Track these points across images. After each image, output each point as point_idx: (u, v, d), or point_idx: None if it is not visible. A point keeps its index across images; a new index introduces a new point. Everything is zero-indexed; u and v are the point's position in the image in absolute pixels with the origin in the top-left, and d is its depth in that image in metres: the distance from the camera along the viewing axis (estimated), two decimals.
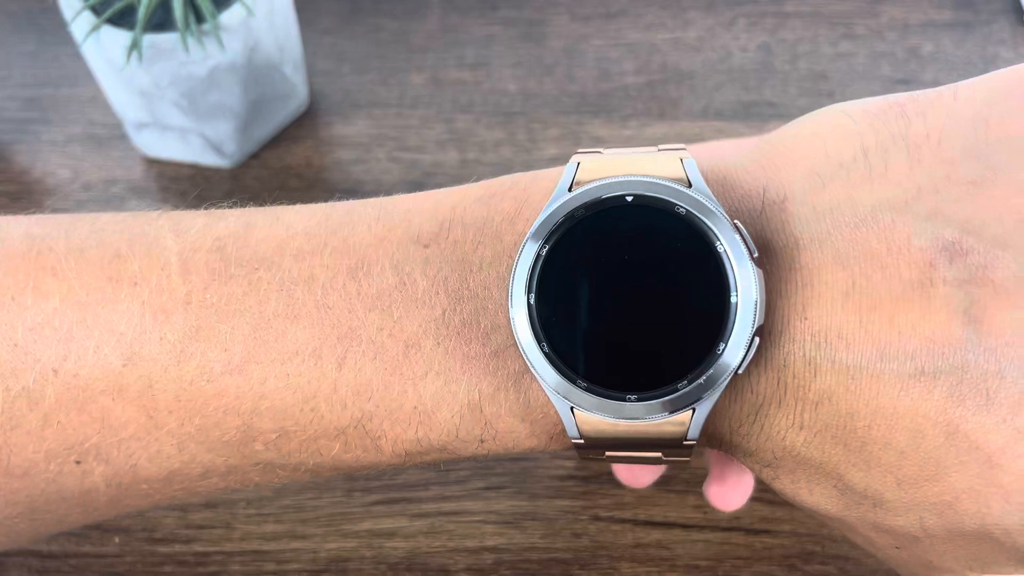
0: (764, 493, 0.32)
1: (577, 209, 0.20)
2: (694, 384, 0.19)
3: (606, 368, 0.20)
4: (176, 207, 0.42)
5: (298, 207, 0.23)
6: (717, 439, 0.21)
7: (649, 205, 0.20)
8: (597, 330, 0.20)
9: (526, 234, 0.20)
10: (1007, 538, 0.18)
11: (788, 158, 0.21)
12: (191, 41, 0.37)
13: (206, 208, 0.23)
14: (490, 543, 0.32)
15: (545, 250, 0.20)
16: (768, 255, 0.20)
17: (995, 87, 0.19)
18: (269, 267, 0.21)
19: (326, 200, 0.43)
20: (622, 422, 0.20)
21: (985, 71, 0.20)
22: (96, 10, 0.38)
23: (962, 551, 0.19)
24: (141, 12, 0.36)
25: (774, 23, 0.48)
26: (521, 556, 0.32)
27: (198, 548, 0.32)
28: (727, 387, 0.19)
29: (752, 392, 0.20)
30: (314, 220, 0.22)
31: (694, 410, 0.19)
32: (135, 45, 0.36)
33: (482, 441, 0.21)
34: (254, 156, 0.44)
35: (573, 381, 0.19)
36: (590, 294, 0.20)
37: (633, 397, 0.19)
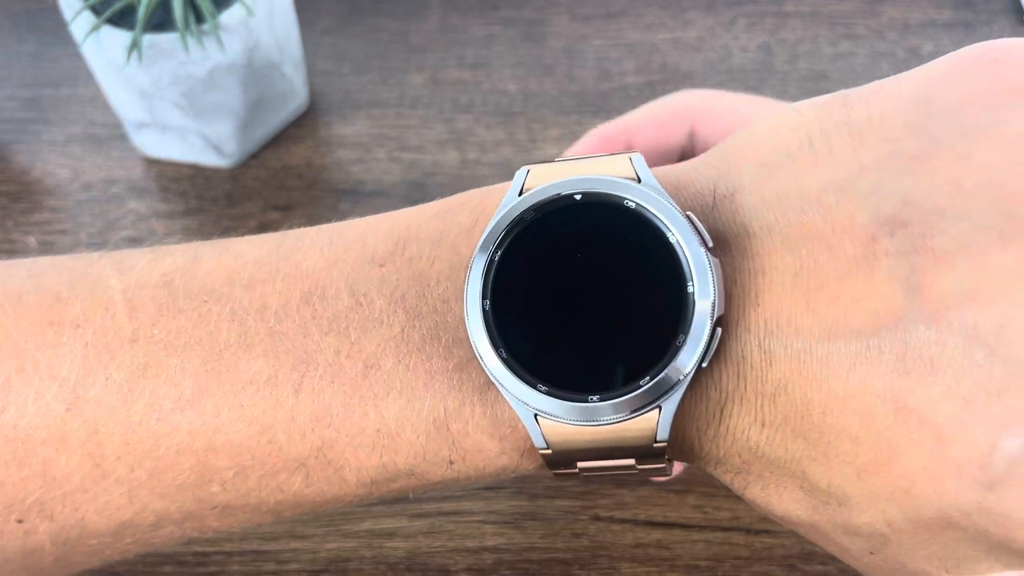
0: None
1: (526, 212, 0.20)
2: (656, 379, 0.18)
3: (566, 370, 0.19)
4: (176, 207, 0.42)
5: (248, 237, 0.22)
6: (688, 447, 0.20)
7: (598, 202, 0.19)
8: (555, 332, 0.19)
9: None
10: (968, 521, 0.17)
11: (738, 155, 0.21)
12: (191, 41, 0.37)
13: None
14: (490, 543, 0.32)
15: (497, 255, 0.19)
16: (721, 247, 0.19)
17: (936, 68, 0.19)
18: (219, 298, 0.21)
19: (326, 200, 0.44)
20: (588, 427, 0.19)
21: None
22: (96, 10, 0.38)
23: (931, 547, 0.18)
24: (141, 12, 0.36)
25: (774, 23, 0.48)
26: (521, 556, 0.32)
27: (197, 548, 0.32)
28: (691, 384, 0.19)
29: (716, 389, 0.19)
30: (264, 248, 0.22)
31: (660, 408, 0.19)
32: (135, 45, 0.36)
33: (451, 463, 0.21)
34: (254, 156, 0.44)
35: (533, 386, 0.19)
36: (546, 296, 0.19)
37: (596, 398, 0.19)
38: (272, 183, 0.42)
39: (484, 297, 0.19)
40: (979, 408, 0.16)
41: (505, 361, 0.19)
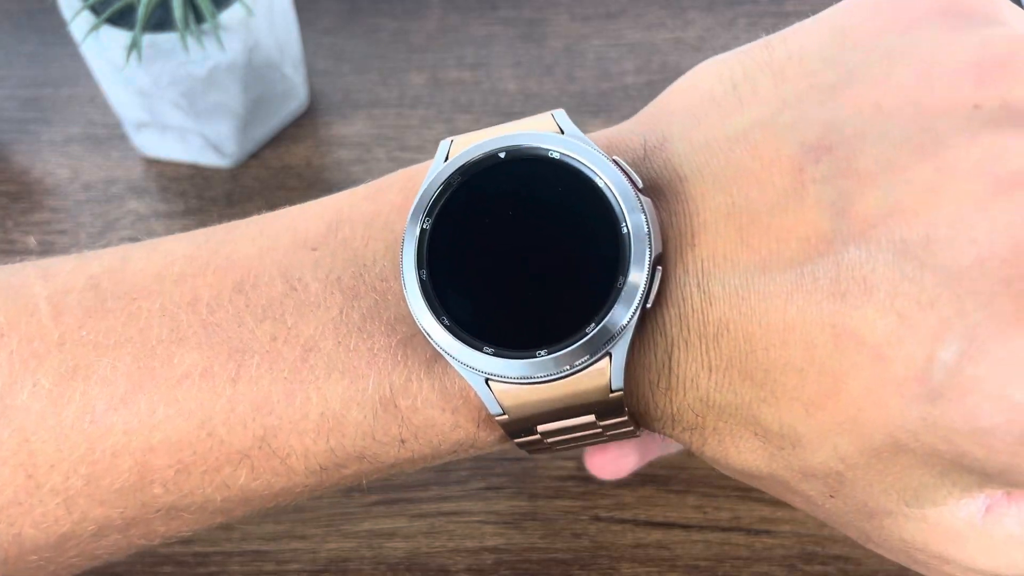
0: (764, 493, 0.32)
1: (452, 176, 0.19)
2: (602, 324, 0.18)
3: (511, 329, 0.19)
4: (176, 207, 0.42)
5: (178, 235, 0.22)
6: (644, 406, 0.20)
7: (523, 157, 0.19)
8: (495, 293, 0.19)
9: None
10: (916, 441, 0.17)
11: (666, 108, 0.21)
12: (191, 41, 0.37)
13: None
14: (490, 543, 0.32)
15: (428, 224, 0.19)
16: (656, 195, 0.19)
17: (849, 3, 0.20)
18: (148, 295, 0.20)
19: None
20: (541, 384, 0.19)
21: None
22: (95, 10, 0.38)
23: (887, 479, 0.18)
24: (140, 12, 0.36)
25: (774, 23, 0.48)
26: (521, 556, 0.32)
27: (197, 548, 0.32)
28: (638, 332, 0.19)
29: (661, 335, 0.19)
30: (194, 244, 0.21)
31: (610, 356, 0.18)
32: (134, 45, 0.36)
33: (402, 441, 0.20)
34: (254, 156, 0.44)
35: (479, 349, 0.18)
36: (482, 258, 0.19)
37: (543, 352, 0.18)
38: (272, 183, 0.42)
39: (420, 267, 0.19)
40: (914, 321, 0.16)
41: (448, 328, 0.19)
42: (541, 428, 0.20)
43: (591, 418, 0.20)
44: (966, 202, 0.16)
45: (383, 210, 0.21)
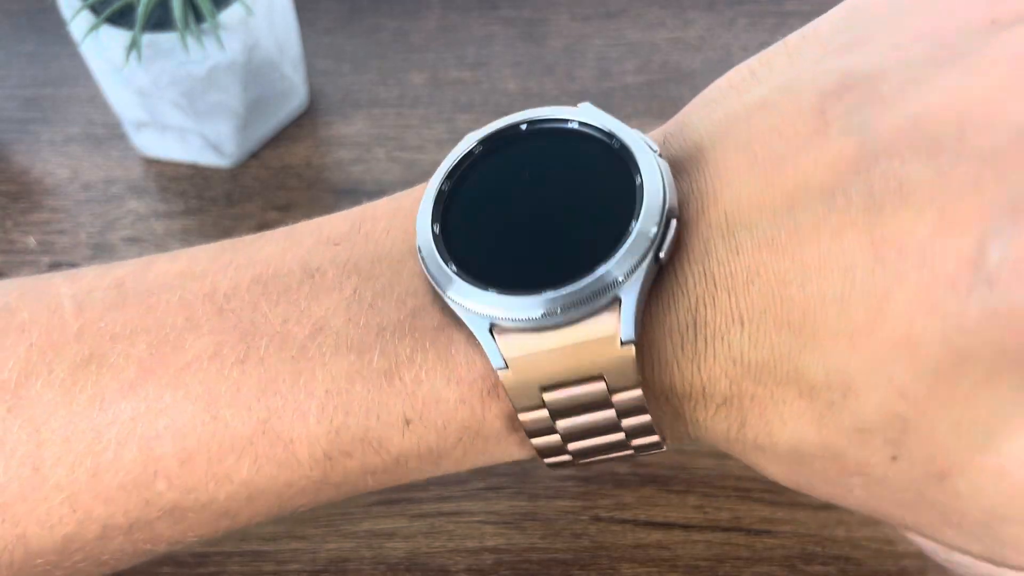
0: (765, 494, 0.32)
1: (475, 147, 0.20)
2: (610, 267, 0.17)
3: (518, 272, 0.18)
4: (175, 207, 0.42)
5: (204, 245, 0.22)
6: (668, 378, 0.19)
7: (542, 128, 0.20)
8: (505, 243, 0.19)
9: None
10: (980, 343, 0.15)
11: (686, 108, 0.21)
12: (190, 40, 0.37)
13: None
14: (490, 543, 0.32)
15: (447, 185, 0.20)
16: (678, 171, 0.19)
17: None
18: (169, 290, 0.20)
19: (326, 200, 0.44)
20: (547, 333, 0.18)
21: None
22: (95, 9, 0.38)
23: (955, 411, 0.16)
24: (140, 11, 0.36)
25: (774, 23, 0.48)
26: (521, 557, 0.32)
27: (196, 548, 0.32)
28: (656, 291, 0.18)
29: (683, 293, 0.18)
30: (220, 248, 0.22)
31: (619, 302, 0.17)
32: (134, 44, 0.36)
33: (407, 422, 0.19)
34: (253, 156, 0.44)
35: (484, 289, 0.18)
36: (496, 215, 0.19)
37: (550, 292, 0.17)
38: (272, 183, 0.42)
39: (434, 222, 0.19)
40: (957, 210, 0.15)
41: (456, 274, 0.18)
42: (548, 398, 0.18)
43: (602, 388, 0.18)
44: (997, 88, 0.15)
45: (405, 205, 0.21)
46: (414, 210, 0.20)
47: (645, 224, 0.18)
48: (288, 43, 0.42)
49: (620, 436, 0.19)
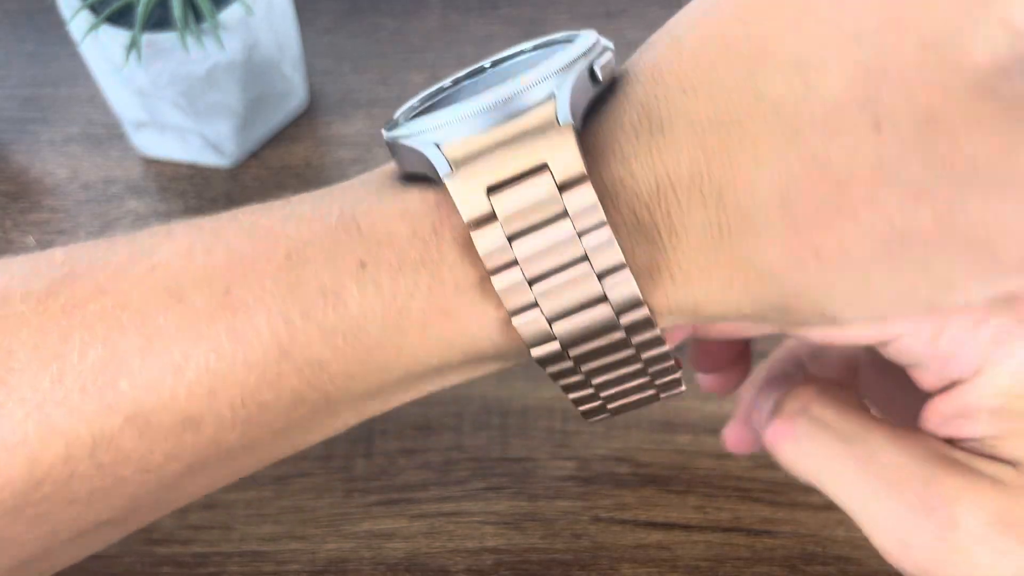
0: (765, 494, 0.32)
1: (445, 83, 0.21)
2: (543, 66, 0.18)
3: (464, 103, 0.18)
4: (175, 207, 0.42)
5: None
6: (626, 173, 0.18)
7: (506, 62, 0.21)
8: (459, 85, 0.21)
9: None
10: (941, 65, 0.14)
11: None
12: (190, 40, 0.37)
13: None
14: (490, 544, 0.32)
15: (420, 104, 0.21)
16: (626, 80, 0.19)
17: None
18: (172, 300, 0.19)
19: None
20: (489, 132, 0.17)
21: None
22: (95, 9, 0.38)
23: (927, 148, 0.15)
24: (140, 11, 0.36)
25: None
26: (521, 557, 0.32)
27: (196, 549, 0.32)
28: (604, 107, 0.18)
29: (628, 98, 0.18)
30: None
31: (555, 97, 0.17)
32: (134, 44, 0.36)
33: (363, 264, 0.18)
34: (253, 155, 0.43)
35: (432, 115, 0.18)
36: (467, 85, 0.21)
37: (487, 65, 0.19)
38: (271, 183, 0.42)
39: (412, 109, 0.21)
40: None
41: (404, 116, 0.20)
42: (496, 200, 0.17)
43: (549, 180, 0.17)
44: None
45: (376, 175, 0.21)
46: (386, 172, 0.21)
47: (574, 48, 0.18)
48: (288, 43, 0.41)
49: (598, 289, 0.18)
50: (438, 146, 0.18)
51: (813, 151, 0.16)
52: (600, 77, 0.18)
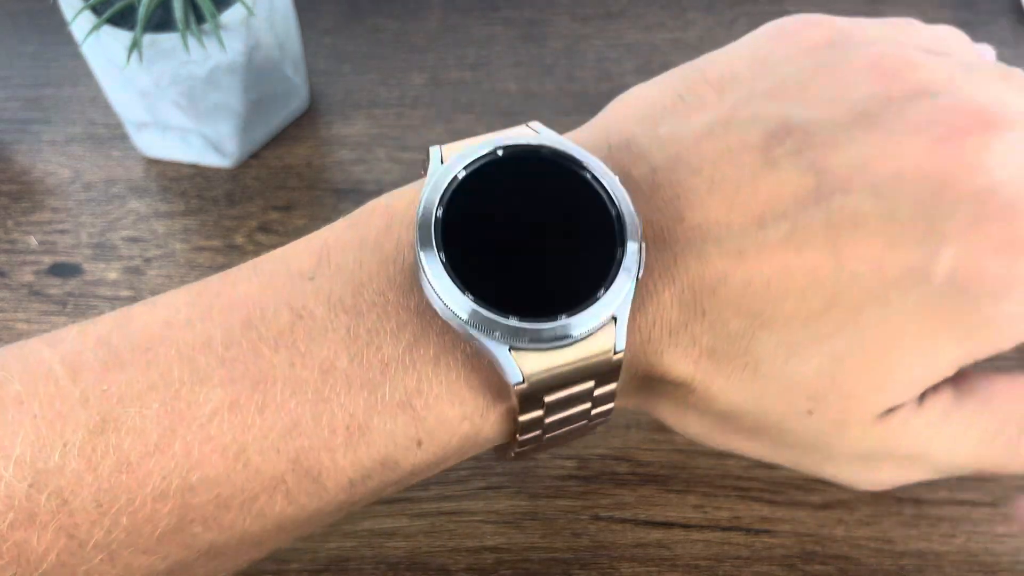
0: (764, 493, 0.32)
1: (458, 172, 0.21)
2: (610, 291, 0.20)
3: (530, 299, 0.20)
4: (176, 207, 0.42)
5: (171, 290, 0.23)
6: (642, 365, 0.22)
7: (518, 154, 0.22)
8: (510, 269, 0.21)
9: (402, 236, 0.22)
10: (901, 317, 0.21)
11: (618, 114, 0.24)
12: (191, 41, 0.37)
13: None
14: (490, 543, 0.32)
15: (440, 212, 0.21)
16: (630, 186, 0.22)
17: (758, 39, 0.25)
18: (162, 341, 0.20)
19: (327, 200, 0.44)
20: (557, 350, 0.20)
21: None
22: (96, 10, 0.38)
23: (870, 371, 0.21)
24: (141, 12, 0.36)
25: None
26: (521, 556, 0.32)
27: None
28: (636, 300, 0.21)
29: (655, 300, 0.22)
30: (192, 292, 0.22)
31: (615, 319, 0.21)
32: (135, 45, 0.36)
33: (419, 443, 0.21)
34: (254, 156, 0.44)
35: (506, 317, 0.20)
36: (494, 241, 0.21)
37: (564, 316, 0.20)
38: (272, 183, 0.42)
39: (439, 250, 0.20)
40: (902, 234, 0.20)
41: (475, 302, 0.20)
42: (548, 399, 0.21)
43: (591, 384, 0.21)
44: (917, 151, 0.21)
45: (370, 234, 0.22)
46: (380, 239, 0.22)
47: (631, 248, 0.21)
48: (289, 43, 0.42)
49: (587, 411, 0.22)
50: (510, 351, 0.20)
51: (760, 408, 0.23)
52: (640, 276, 0.21)
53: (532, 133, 0.23)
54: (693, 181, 0.22)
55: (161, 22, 0.37)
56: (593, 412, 0.22)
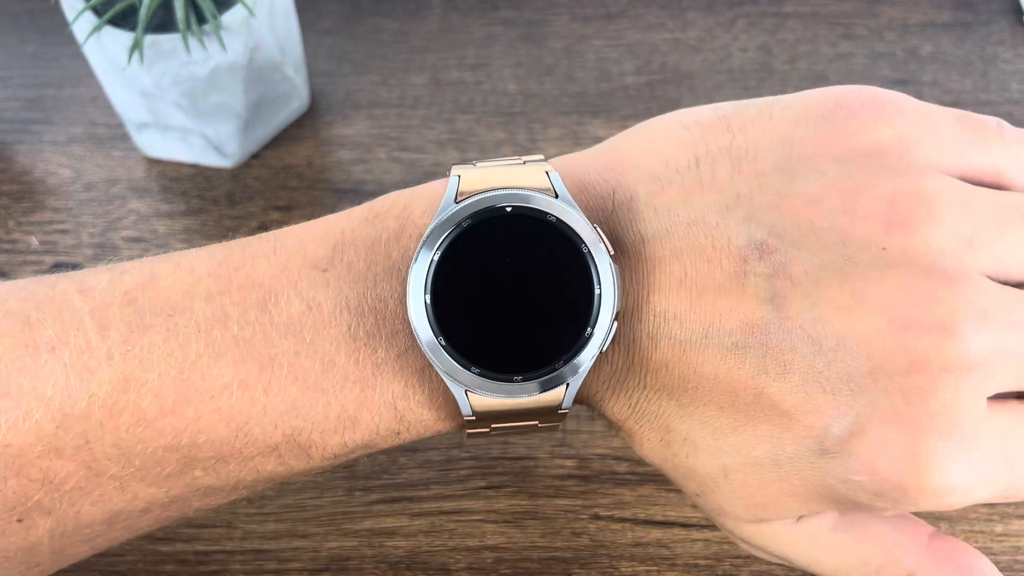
0: None
1: (464, 219, 0.23)
2: (569, 364, 0.23)
3: (495, 356, 0.23)
4: (177, 207, 0.42)
5: (195, 250, 0.25)
6: (587, 403, 0.25)
7: (525, 214, 0.23)
8: (485, 324, 0.23)
9: (411, 247, 0.23)
10: (796, 474, 0.22)
11: (632, 163, 0.24)
12: (192, 41, 0.37)
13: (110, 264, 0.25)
14: (490, 542, 0.32)
15: (437, 256, 0.23)
16: (620, 249, 0.24)
17: (802, 108, 0.24)
18: (183, 312, 0.23)
19: (327, 200, 0.44)
20: (508, 399, 0.23)
21: (984, 71, 0.21)
22: (98, 10, 0.38)
23: (751, 490, 0.23)
24: (142, 12, 0.36)
25: (773, 23, 0.48)
26: (521, 555, 0.32)
27: (199, 547, 0.32)
28: (594, 361, 0.23)
29: (609, 364, 0.24)
30: (214, 261, 0.24)
31: (568, 384, 0.23)
32: (136, 45, 0.36)
33: (398, 433, 0.24)
34: (255, 156, 0.44)
35: (468, 368, 0.23)
36: (478, 293, 0.23)
37: (519, 378, 0.23)
38: (273, 183, 0.43)
39: (425, 292, 0.23)
40: (818, 401, 0.21)
41: (444, 347, 0.23)
42: (495, 425, 0.24)
43: (535, 422, 0.24)
44: (869, 328, 0.21)
45: (381, 236, 0.24)
46: (389, 244, 0.24)
47: (598, 331, 0.23)
48: (290, 44, 0.42)
49: (533, 427, 0.25)
50: (466, 393, 0.23)
51: (666, 473, 0.26)
52: (605, 351, 0.23)
53: (545, 181, 0.24)
54: (671, 266, 0.23)
55: (162, 23, 0.37)
56: (541, 427, 0.25)
